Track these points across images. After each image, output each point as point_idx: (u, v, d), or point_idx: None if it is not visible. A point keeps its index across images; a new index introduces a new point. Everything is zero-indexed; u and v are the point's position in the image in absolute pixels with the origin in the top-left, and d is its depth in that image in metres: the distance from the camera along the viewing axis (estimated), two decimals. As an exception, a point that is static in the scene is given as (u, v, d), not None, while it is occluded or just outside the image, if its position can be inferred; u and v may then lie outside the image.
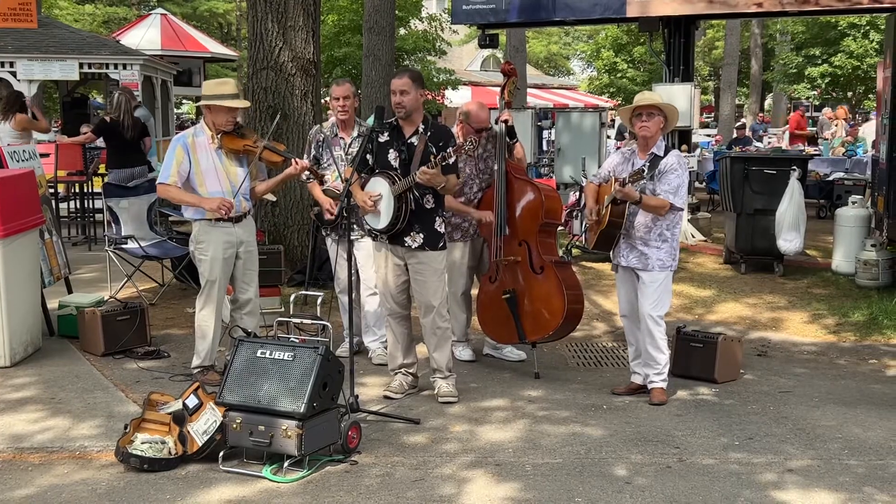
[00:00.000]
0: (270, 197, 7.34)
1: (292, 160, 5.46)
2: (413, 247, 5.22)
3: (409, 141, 5.20)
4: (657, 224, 5.29)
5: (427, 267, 5.23)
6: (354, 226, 5.78)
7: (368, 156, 5.27)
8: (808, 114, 31.55)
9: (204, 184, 5.38)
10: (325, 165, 6.01)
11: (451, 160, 5.09)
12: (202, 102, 5.40)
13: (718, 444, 4.67)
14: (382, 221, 5.19)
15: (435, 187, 5.11)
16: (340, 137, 6.03)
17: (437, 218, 5.26)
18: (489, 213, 5.83)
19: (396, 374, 5.46)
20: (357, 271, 6.02)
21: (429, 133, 5.19)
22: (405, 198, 5.13)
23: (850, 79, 26.39)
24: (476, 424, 4.94)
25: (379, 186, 5.19)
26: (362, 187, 5.25)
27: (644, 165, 5.24)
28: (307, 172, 5.60)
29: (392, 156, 5.22)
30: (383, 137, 5.27)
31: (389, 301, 5.38)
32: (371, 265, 5.76)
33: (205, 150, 5.40)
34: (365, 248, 5.87)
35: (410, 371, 5.48)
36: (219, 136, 5.39)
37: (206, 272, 5.45)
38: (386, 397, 5.33)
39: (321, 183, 5.87)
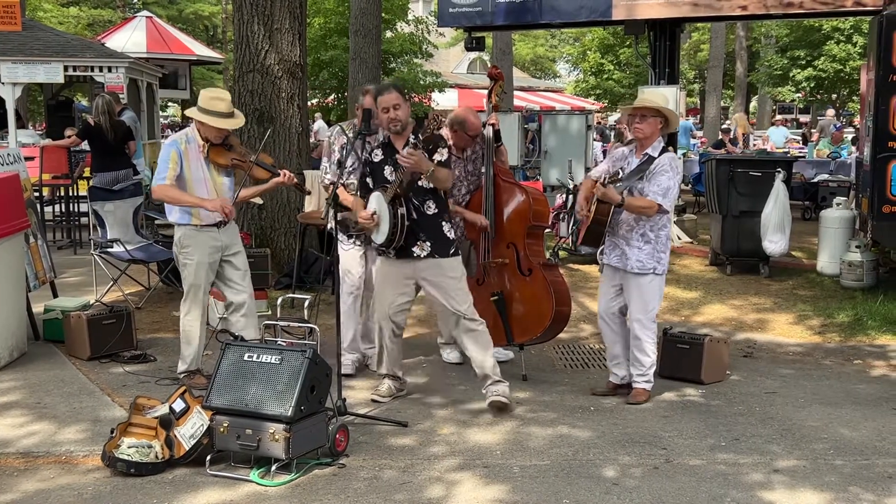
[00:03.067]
0: (257, 200, 7.32)
1: (280, 173, 5.38)
2: (422, 256, 5.07)
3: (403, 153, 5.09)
4: (640, 224, 5.29)
5: (441, 275, 5.08)
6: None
7: (368, 179, 5.15)
8: (793, 116, 31.76)
9: (192, 193, 5.33)
10: (352, 169, 5.73)
11: (444, 157, 5.01)
12: (197, 115, 5.31)
13: (705, 445, 4.69)
14: (381, 235, 5.05)
15: (422, 174, 4.96)
16: (367, 142, 5.76)
17: (445, 223, 5.12)
18: (483, 217, 5.81)
19: (385, 377, 5.44)
20: (372, 278, 5.83)
21: (419, 140, 5.10)
22: (399, 203, 5.02)
23: (834, 81, 26.59)
24: (464, 427, 4.94)
25: (374, 201, 5.08)
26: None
27: (621, 168, 5.28)
28: (298, 182, 5.49)
29: (388, 171, 5.12)
30: (377, 157, 5.19)
31: (385, 320, 5.22)
32: None
33: (195, 157, 5.34)
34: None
35: (398, 377, 5.42)
36: (206, 146, 5.34)
37: (189, 277, 5.41)
38: (373, 401, 5.32)
39: (307, 194, 5.75)
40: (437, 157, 5.03)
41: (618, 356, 5.53)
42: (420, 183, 5.04)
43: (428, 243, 5.08)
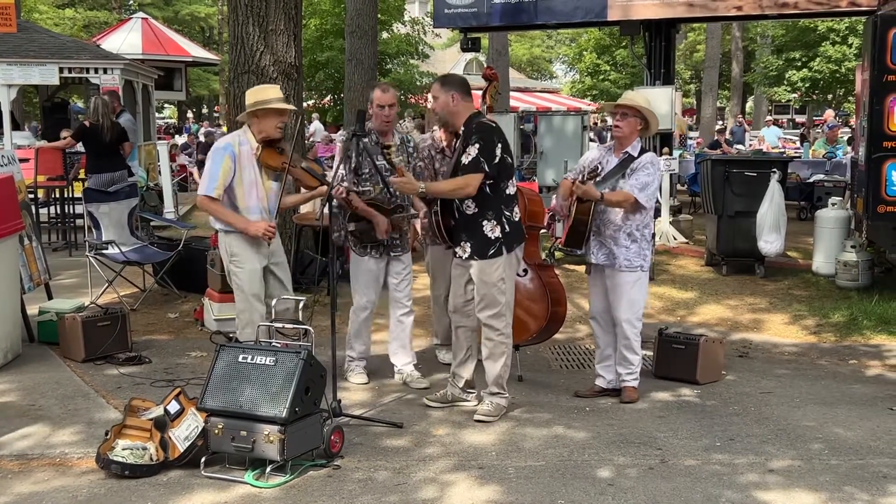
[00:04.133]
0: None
1: (328, 183, 5.28)
2: (464, 257, 4.99)
3: (455, 148, 5.02)
4: (626, 223, 5.30)
5: (476, 277, 4.96)
6: (397, 241, 5.66)
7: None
8: (788, 116, 31.81)
9: (244, 198, 5.22)
10: (367, 176, 5.54)
11: (471, 158, 4.80)
12: (249, 110, 5.19)
13: (700, 445, 4.69)
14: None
15: (411, 195, 4.97)
16: (384, 146, 5.66)
17: (486, 222, 4.92)
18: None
19: (448, 381, 5.33)
20: (389, 288, 5.80)
21: (464, 134, 4.93)
22: (432, 209, 4.98)
23: (830, 82, 26.66)
24: (459, 428, 4.93)
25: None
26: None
27: (598, 163, 5.27)
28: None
29: (449, 166, 5.09)
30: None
31: (455, 312, 5.18)
32: (406, 283, 5.72)
33: (248, 161, 5.21)
34: (403, 263, 5.74)
35: (458, 384, 5.27)
36: (259, 149, 5.21)
37: (244, 285, 5.26)
38: (426, 406, 5.25)
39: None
40: (463, 158, 4.85)
41: (609, 358, 5.53)
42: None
43: (468, 244, 4.96)
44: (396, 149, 5.66)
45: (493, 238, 4.93)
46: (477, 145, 4.82)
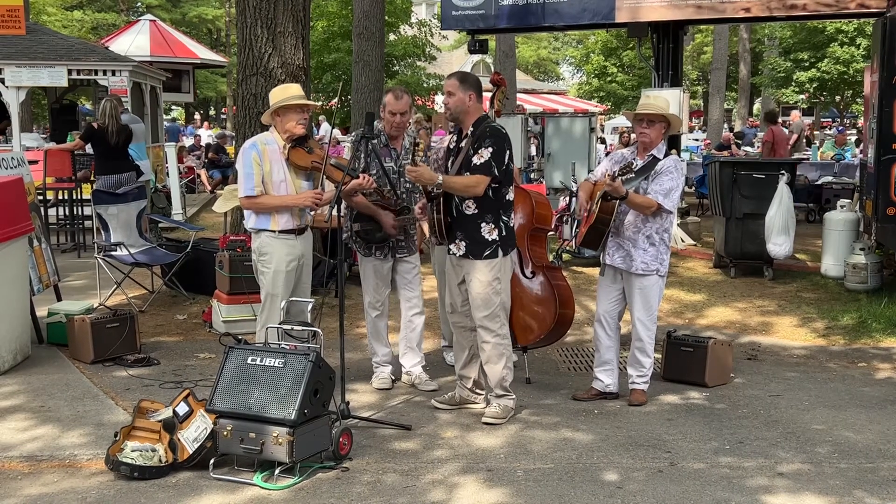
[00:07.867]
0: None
1: (360, 176, 5.24)
2: (458, 255, 5.03)
3: (460, 145, 5.05)
4: (646, 225, 5.29)
5: (471, 277, 4.98)
6: (402, 243, 5.65)
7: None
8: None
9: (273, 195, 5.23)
10: (375, 177, 5.48)
11: (483, 160, 4.83)
12: (272, 109, 5.18)
13: (709, 449, 4.68)
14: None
15: (428, 186, 4.94)
16: (392, 148, 5.67)
17: (484, 223, 4.95)
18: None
19: (456, 384, 5.34)
20: (398, 289, 5.79)
21: (475, 135, 4.95)
22: (433, 205, 4.99)
23: (837, 83, 26.59)
24: (467, 430, 4.93)
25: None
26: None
27: (634, 160, 5.26)
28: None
29: (451, 161, 5.10)
30: (453, 143, 5.16)
31: (454, 313, 5.19)
32: (415, 284, 5.71)
33: (276, 160, 5.20)
34: (410, 264, 5.72)
35: (467, 385, 5.29)
36: (286, 148, 5.21)
37: (267, 285, 5.26)
38: (435, 407, 5.26)
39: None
40: (475, 159, 4.88)
41: (608, 362, 5.51)
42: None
43: (464, 243, 4.99)
44: (405, 151, 5.66)
45: (489, 240, 4.97)
46: (491, 149, 4.88)
